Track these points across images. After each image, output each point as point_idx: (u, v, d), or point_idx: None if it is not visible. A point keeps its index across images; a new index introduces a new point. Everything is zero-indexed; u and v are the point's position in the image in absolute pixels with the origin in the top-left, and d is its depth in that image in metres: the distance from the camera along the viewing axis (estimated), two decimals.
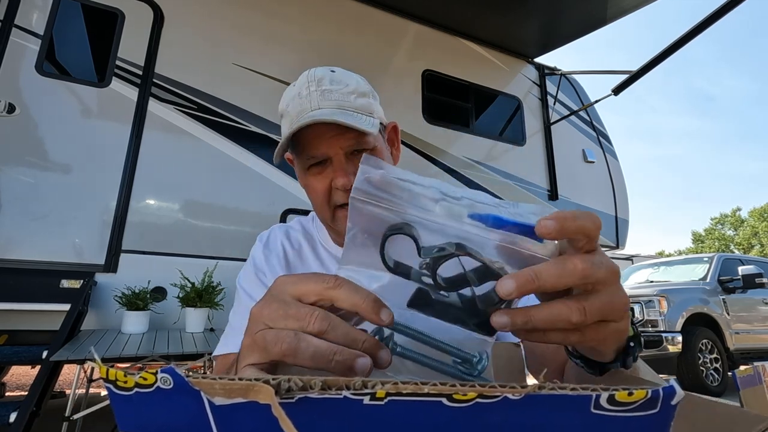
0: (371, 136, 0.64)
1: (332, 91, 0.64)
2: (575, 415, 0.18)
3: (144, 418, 0.21)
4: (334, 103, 0.64)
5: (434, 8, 3.74)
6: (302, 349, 0.27)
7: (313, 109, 0.63)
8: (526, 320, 0.27)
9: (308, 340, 0.27)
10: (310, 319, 0.28)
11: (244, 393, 0.19)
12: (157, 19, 2.81)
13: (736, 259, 5.46)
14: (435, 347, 0.32)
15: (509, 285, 0.26)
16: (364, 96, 0.67)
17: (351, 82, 0.67)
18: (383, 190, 0.29)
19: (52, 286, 2.25)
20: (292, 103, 0.66)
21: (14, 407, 1.67)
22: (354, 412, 0.18)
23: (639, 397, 0.18)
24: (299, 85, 0.66)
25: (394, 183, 0.29)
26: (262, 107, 3.00)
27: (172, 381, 0.19)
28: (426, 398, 0.18)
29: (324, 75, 0.66)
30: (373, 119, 0.66)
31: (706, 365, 4.35)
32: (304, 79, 0.66)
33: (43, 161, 2.42)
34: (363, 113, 0.65)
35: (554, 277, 0.27)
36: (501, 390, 0.17)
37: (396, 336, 0.32)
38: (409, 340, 0.32)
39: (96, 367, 0.20)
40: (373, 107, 0.68)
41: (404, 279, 0.31)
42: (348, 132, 0.63)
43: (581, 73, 4.77)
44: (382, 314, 0.28)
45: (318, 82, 0.65)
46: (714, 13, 3.13)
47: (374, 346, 0.28)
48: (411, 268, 0.31)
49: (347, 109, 0.64)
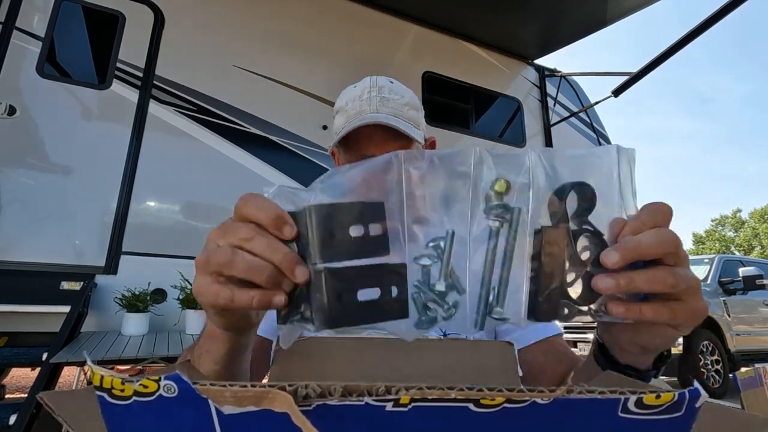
0: (415, 146, 0.71)
1: (390, 99, 0.71)
2: (602, 419, 0.18)
3: (142, 430, 0.19)
4: (390, 110, 0.71)
5: (434, 10, 3.74)
6: (237, 262, 0.30)
7: (371, 111, 0.70)
8: (629, 281, 0.29)
9: (243, 255, 0.30)
10: (239, 229, 0.31)
11: (258, 401, 0.18)
12: (158, 21, 2.81)
13: (737, 260, 5.46)
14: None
15: (615, 255, 0.29)
16: (415, 110, 0.74)
17: (406, 95, 0.74)
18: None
19: (52, 287, 2.24)
20: (351, 103, 0.72)
21: (14, 409, 1.66)
22: (376, 419, 0.18)
23: (666, 400, 0.18)
24: (361, 88, 0.73)
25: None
26: (262, 109, 3.00)
27: (177, 388, 0.17)
28: (452, 404, 0.17)
29: (385, 84, 0.73)
30: (420, 131, 0.73)
31: (707, 367, 4.34)
32: (366, 83, 0.73)
33: (43, 163, 2.42)
34: (412, 124, 0.72)
35: (653, 244, 0.30)
36: (530, 394, 0.17)
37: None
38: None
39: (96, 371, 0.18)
40: (420, 121, 0.75)
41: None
42: (398, 139, 0.70)
43: (581, 75, 4.78)
44: (297, 271, 0.30)
45: (379, 90, 0.72)
46: (713, 15, 3.13)
47: (293, 260, 0.30)
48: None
49: (401, 118, 0.71)
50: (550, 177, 0.31)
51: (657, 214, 0.32)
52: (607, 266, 0.29)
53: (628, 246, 0.30)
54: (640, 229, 0.31)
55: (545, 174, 0.31)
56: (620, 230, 0.31)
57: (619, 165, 0.32)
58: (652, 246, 0.30)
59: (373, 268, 0.30)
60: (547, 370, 0.62)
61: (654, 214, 0.32)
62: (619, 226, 0.31)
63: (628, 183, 0.33)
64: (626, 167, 0.33)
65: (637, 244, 0.30)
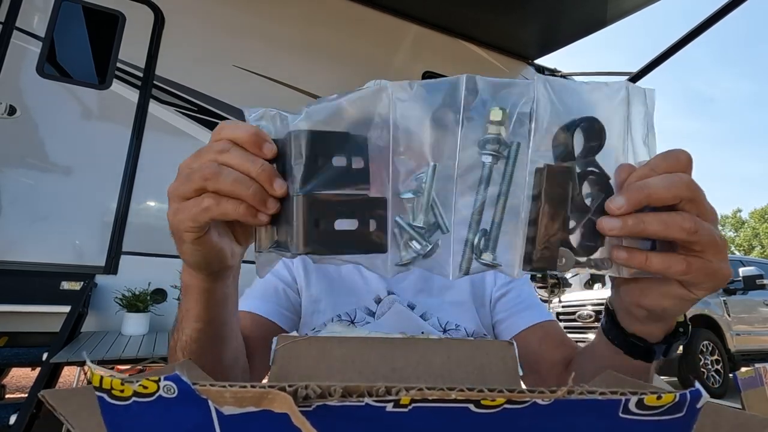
0: None
1: None
2: (603, 419, 0.18)
3: (142, 431, 0.19)
4: None
5: (434, 10, 3.74)
6: (224, 174, 0.29)
7: None
8: (637, 221, 0.26)
9: (229, 170, 0.29)
10: (215, 145, 0.30)
11: (258, 402, 0.18)
12: (158, 21, 2.81)
13: (737, 260, 5.46)
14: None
15: (620, 200, 0.26)
16: None
17: None
18: None
19: (53, 287, 2.24)
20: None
21: (14, 409, 1.66)
22: (376, 420, 0.18)
23: (667, 401, 0.18)
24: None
25: None
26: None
27: (177, 389, 0.17)
28: (452, 404, 0.17)
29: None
30: None
31: (707, 367, 4.34)
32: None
33: (43, 163, 2.42)
34: None
35: (663, 187, 0.26)
36: (530, 395, 0.17)
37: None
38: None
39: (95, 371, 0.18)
40: None
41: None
42: None
43: (581, 75, 4.77)
44: (275, 184, 0.29)
45: None
46: (713, 15, 3.13)
47: (271, 172, 0.29)
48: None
49: None
50: (557, 110, 0.27)
51: (670, 158, 0.27)
52: (612, 212, 0.26)
53: (636, 188, 0.26)
54: (648, 175, 0.27)
55: (551, 107, 0.27)
56: (627, 177, 0.28)
57: (630, 105, 0.28)
58: (663, 188, 0.26)
59: (353, 198, 0.29)
60: (545, 358, 0.61)
61: (667, 159, 0.27)
62: (626, 172, 0.28)
63: (641, 127, 0.29)
64: (639, 109, 0.29)
65: (646, 186, 0.26)
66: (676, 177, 0.26)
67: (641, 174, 0.27)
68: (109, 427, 0.19)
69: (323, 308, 0.69)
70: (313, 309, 0.70)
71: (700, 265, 0.27)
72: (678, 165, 0.27)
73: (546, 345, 0.63)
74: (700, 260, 0.27)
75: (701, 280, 0.28)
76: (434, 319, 0.67)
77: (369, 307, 0.68)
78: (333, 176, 0.29)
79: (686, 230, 0.26)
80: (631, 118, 0.29)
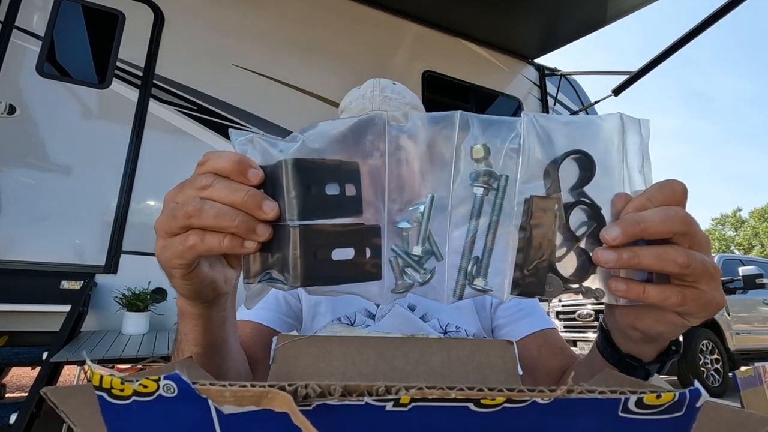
0: None
1: (392, 98, 0.73)
2: (602, 419, 0.18)
3: (142, 430, 0.19)
4: (392, 108, 0.72)
5: (434, 9, 3.73)
6: (206, 210, 0.29)
7: (374, 109, 0.71)
8: (633, 255, 0.27)
9: (212, 203, 0.29)
10: (197, 179, 0.30)
11: (257, 401, 0.18)
12: (158, 20, 2.81)
13: (737, 259, 5.46)
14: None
15: (615, 231, 0.27)
16: (416, 109, 0.76)
17: (408, 96, 0.76)
18: None
19: (53, 287, 2.24)
20: (355, 102, 0.74)
21: (14, 408, 1.66)
22: (376, 419, 0.18)
23: (666, 400, 0.18)
24: (365, 89, 0.75)
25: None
26: (262, 108, 2.99)
27: (177, 388, 0.17)
28: (452, 404, 0.17)
29: (387, 85, 0.75)
30: None
31: (707, 366, 4.34)
32: (370, 84, 0.75)
33: (43, 162, 2.41)
34: None
35: (658, 221, 0.27)
36: (530, 394, 0.17)
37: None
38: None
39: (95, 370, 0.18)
40: None
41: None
42: None
43: (581, 74, 4.77)
44: (265, 206, 0.29)
45: (382, 89, 0.73)
46: (713, 14, 3.13)
47: (258, 196, 0.29)
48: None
49: None
50: (544, 144, 0.29)
51: (666, 189, 0.28)
52: (607, 243, 0.27)
53: (631, 221, 0.27)
54: (645, 206, 0.28)
55: (538, 141, 0.29)
56: (623, 206, 0.28)
57: (625, 135, 0.30)
58: (659, 222, 0.27)
59: (349, 227, 0.29)
60: (542, 365, 0.61)
61: (663, 190, 0.28)
62: (622, 202, 0.29)
63: (636, 157, 0.30)
64: (634, 138, 0.30)
65: (642, 221, 0.27)
66: (671, 211, 0.27)
67: (637, 204, 0.28)
68: (109, 426, 0.19)
69: (323, 311, 0.69)
70: (313, 313, 0.70)
71: (694, 296, 0.28)
72: (674, 197, 0.28)
73: (544, 352, 0.63)
74: (694, 291, 0.28)
75: (695, 310, 0.30)
76: (435, 320, 0.67)
77: (369, 309, 0.68)
78: (327, 205, 0.29)
79: (679, 264, 0.27)
80: (626, 148, 0.30)
